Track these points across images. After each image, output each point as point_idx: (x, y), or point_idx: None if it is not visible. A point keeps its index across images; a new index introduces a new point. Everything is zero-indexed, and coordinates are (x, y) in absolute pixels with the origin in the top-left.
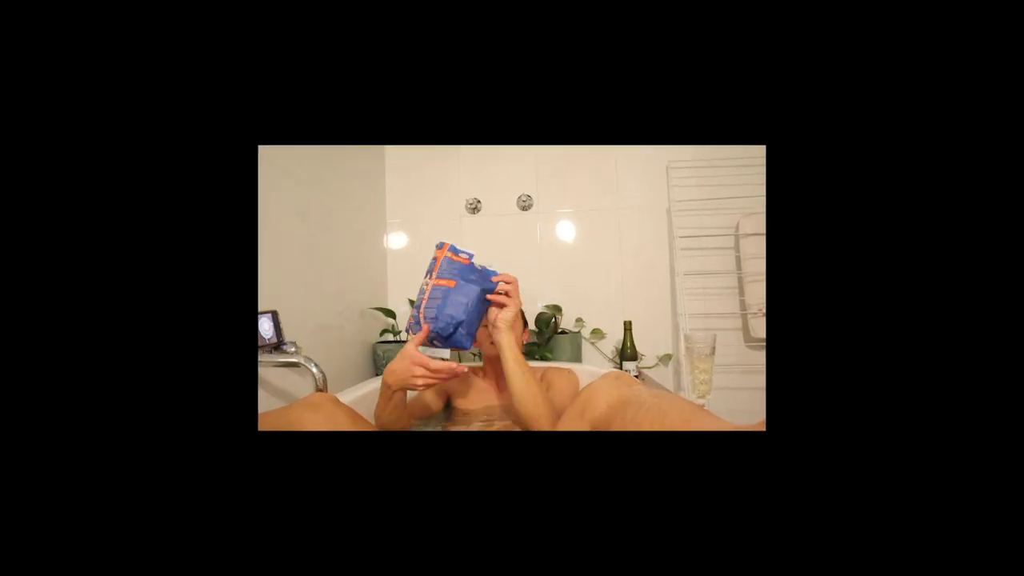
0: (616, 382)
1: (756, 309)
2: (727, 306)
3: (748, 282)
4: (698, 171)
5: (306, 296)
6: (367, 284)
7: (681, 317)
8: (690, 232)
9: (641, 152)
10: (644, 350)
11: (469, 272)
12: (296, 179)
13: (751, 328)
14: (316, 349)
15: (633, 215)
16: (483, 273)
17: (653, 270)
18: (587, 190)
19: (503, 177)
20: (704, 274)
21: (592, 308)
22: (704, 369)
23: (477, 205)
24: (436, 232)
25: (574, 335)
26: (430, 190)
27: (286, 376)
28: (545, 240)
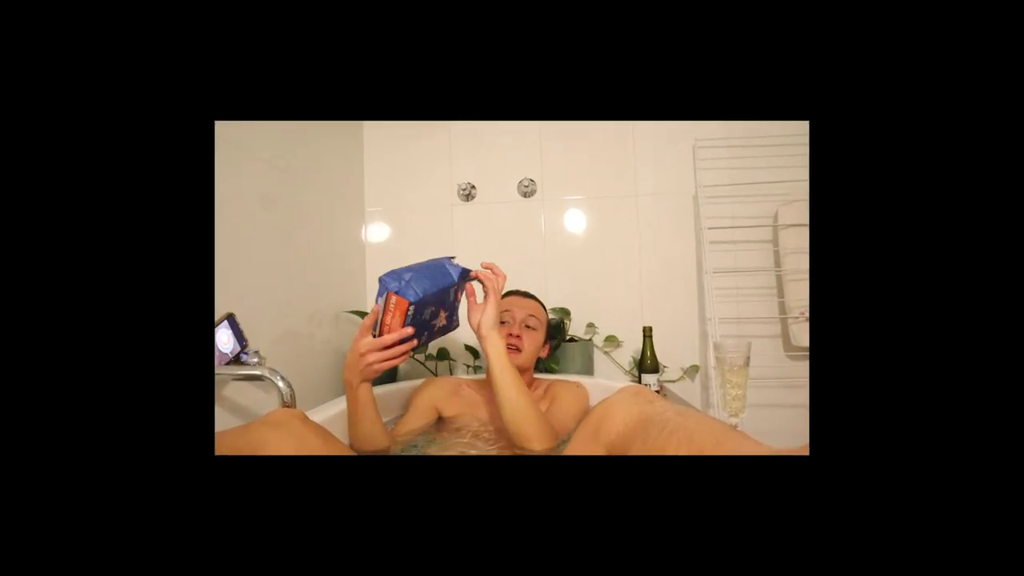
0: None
1: (798, 313)
2: (764, 309)
3: (788, 281)
4: (729, 151)
5: (271, 297)
6: (342, 284)
7: (710, 322)
8: (720, 223)
9: (663, 129)
10: (667, 361)
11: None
12: (259, 161)
13: (792, 335)
14: (282, 359)
15: (654, 203)
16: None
17: (677, 267)
18: (600, 174)
19: (501, 159)
20: (737, 272)
21: (606, 312)
22: (737, 383)
23: (471, 191)
24: (423, 223)
25: (585, 343)
26: (416, 174)
27: (247, 391)
28: (551, 232)
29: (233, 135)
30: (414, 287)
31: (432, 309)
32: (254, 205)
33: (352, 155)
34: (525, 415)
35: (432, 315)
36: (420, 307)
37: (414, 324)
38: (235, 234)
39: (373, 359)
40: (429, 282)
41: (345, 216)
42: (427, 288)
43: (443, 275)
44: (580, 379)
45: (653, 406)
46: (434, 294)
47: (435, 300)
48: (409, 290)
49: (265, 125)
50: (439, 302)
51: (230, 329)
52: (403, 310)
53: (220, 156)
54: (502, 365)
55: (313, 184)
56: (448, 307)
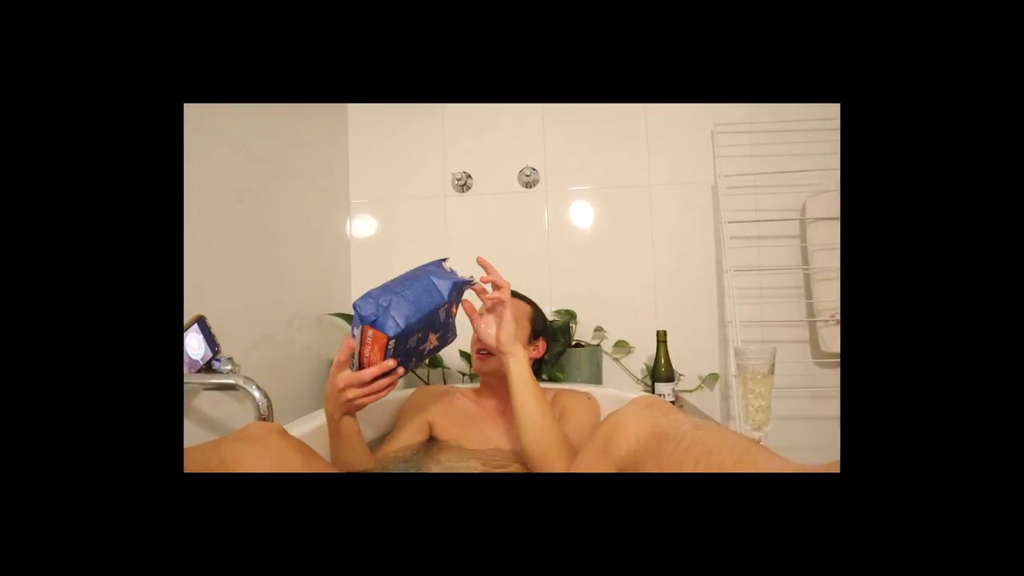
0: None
1: (828, 316)
2: (790, 312)
3: (817, 280)
4: (752, 137)
5: (246, 299)
6: (325, 284)
7: (731, 326)
8: (742, 216)
9: (679, 113)
10: (683, 368)
11: (427, 266)
12: (233, 148)
13: (821, 340)
14: (259, 367)
15: (668, 194)
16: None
17: (694, 265)
18: (609, 162)
19: (500, 145)
20: (761, 270)
21: (616, 314)
22: (761, 393)
23: (467, 181)
24: (413, 216)
25: (593, 349)
26: (406, 162)
27: (219, 402)
28: (555, 226)
29: (203, 119)
30: (394, 316)
31: (418, 336)
32: (227, 197)
33: (335, 141)
34: (549, 437)
35: (420, 340)
36: (402, 338)
37: (397, 355)
38: (206, 229)
39: (353, 395)
40: (412, 307)
41: (328, 209)
42: (410, 316)
43: (429, 295)
44: (589, 389)
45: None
46: (418, 321)
47: (421, 326)
48: (388, 320)
49: (239, 108)
50: (427, 327)
51: (200, 334)
52: (382, 345)
53: (189, 142)
54: (524, 381)
55: (292, 173)
56: (440, 327)
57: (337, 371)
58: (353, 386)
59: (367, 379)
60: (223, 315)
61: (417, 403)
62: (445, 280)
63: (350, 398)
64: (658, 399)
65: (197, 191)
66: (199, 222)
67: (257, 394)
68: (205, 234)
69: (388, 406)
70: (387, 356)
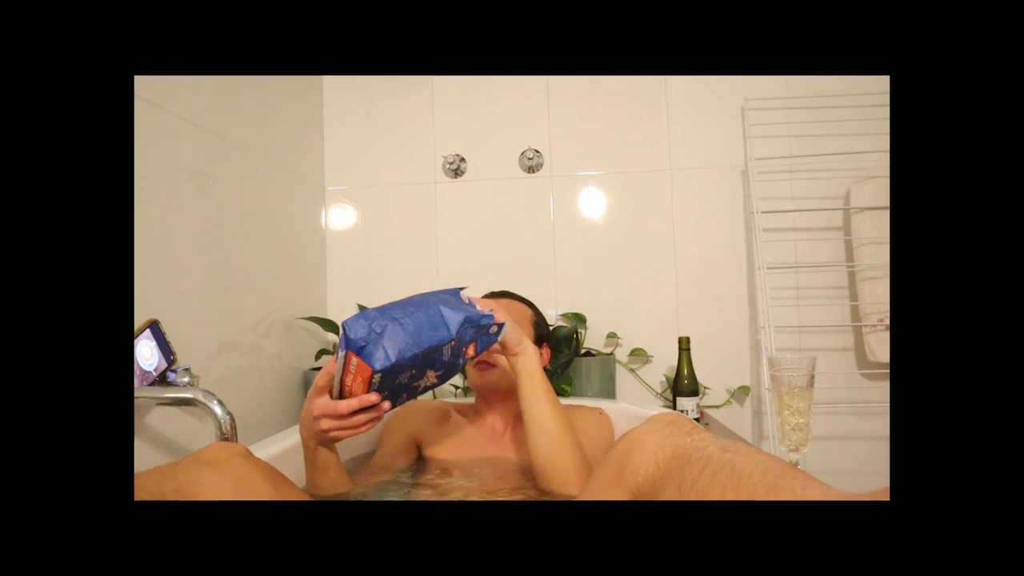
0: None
1: (876, 320)
2: (832, 315)
3: (863, 279)
4: (788, 115)
5: (206, 300)
6: (296, 283)
7: (764, 332)
8: (777, 205)
9: (704, 86)
10: (709, 381)
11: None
12: (194, 128)
13: (868, 348)
14: (221, 379)
15: (692, 180)
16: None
17: (722, 262)
18: (623, 143)
19: (499, 124)
20: (798, 267)
21: (632, 318)
22: (798, 409)
23: (460, 166)
24: (398, 206)
25: (605, 358)
26: (390, 143)
27: (175, 418)
28: (562, 217)
29: (157, 95)
30: (385, 347)
31: (412, 372)
32: (184, 183)
33: (308, 120)
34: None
35: (414, 377)
36: (391, 373)
37: (383, 390)
38: (160, 220)
39: (328, 426)
40: (409, 339)
41: (300, 197)
42: (403, 349)
43: (433, 328)
44: (601, 405)
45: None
46: (413, 357)
47: (416, 363)
48: (377, 350)
49: (198, 82)
50: (424, 364)
51: (153, 341)
52: (365, 377)
53: (141, 121)
54: (536, 384)
55: (259, 157)
56: (442, 366)
57: (315, 395)
58: (328, 417)
59: (344, 412)
60: (179, 319)
61: (404, 420)
62: (456, 312)
63: (324, 428)
64: (680, 416)
65: (150, 177)
66: (152, 212)
67: (218, 410)
68: (159, 226)
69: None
70: (371, 390)
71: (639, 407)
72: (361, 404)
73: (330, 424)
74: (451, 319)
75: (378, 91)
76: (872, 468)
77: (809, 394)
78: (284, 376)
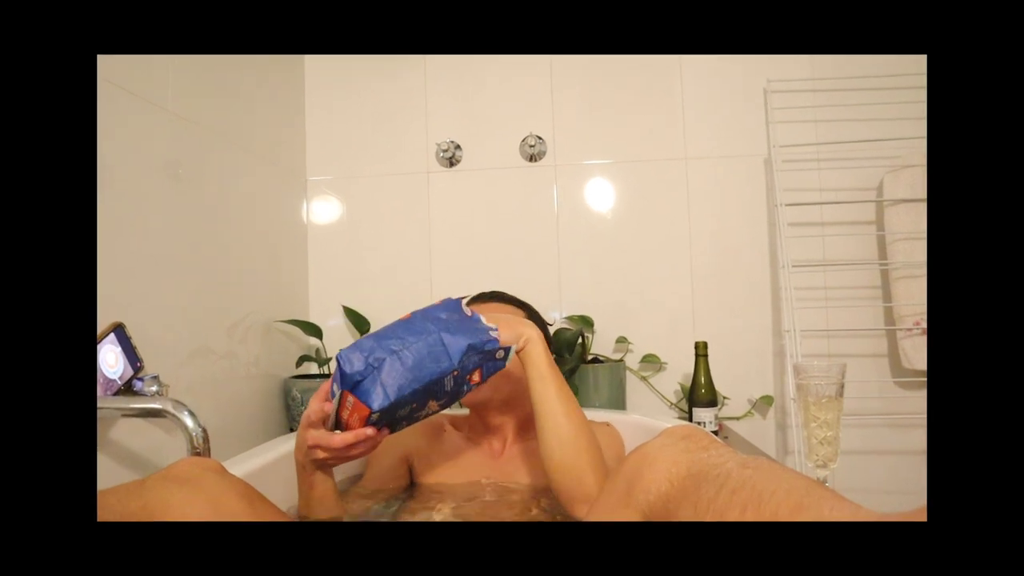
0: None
1: (911, 323)
2: (864, 318)
3: (898, 278)
4: (815, 98)
5: (176, 302)
6: (276, 283)
7: (788, 336)
8: (803, 197)
9: (723, 66)
10: (728, 390)
11: (438, 310)
12: (166, 113)
13: (903, 354)
14: (192, 388)
15: (710, 169)
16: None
17: (743, 259)
18: (634, 129)
19: (498, 108)
20: (826, 266)
21: (643, 321)
22: (826, 421)
23: (455, 154)
24: (387, 198)
25: (614, 365)
26: (378, 130)
27: (143, 431)
28: (567, 210)
29: (125, 76)
30: (384, 384)
31: (412, 406)
32: (154, 173)
33: (289, 103)
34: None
35: (414, 409)
36: (390, 411)
37: (381, 425)
38: (126, 213)
39: (323, 456)
40: (409, 375)
41: (280, 188)
42: (404, 386)
43: (435, 360)
44: (609, 416)
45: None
46: (413, 393)
47: (416, 397)
48: (375, 388)
49: (168, 62)
50: (425, 396)
51: (118, 346)
52: (363, 416)
53: (105, 105)
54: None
55: (235, 145)
56: (444, 395)
57: (306, 424)
58: (323, 447)
59: (338, 447)
60: (147, 322)
61: (395, 439)
62: (458, 338)
63: (320, 458)
64: (697, 429)
65: (114, 166)
66: (116, 204)
67: (189, 422)
68: (124, 220)
69: None
70: (368, 424)
71: (651, 419)
72: (357, 439)
73: (325, 455)
74: (453, 348)
75: (365, 72)
76: (907, 486)
77: (838, 404)
78: (262, 384)
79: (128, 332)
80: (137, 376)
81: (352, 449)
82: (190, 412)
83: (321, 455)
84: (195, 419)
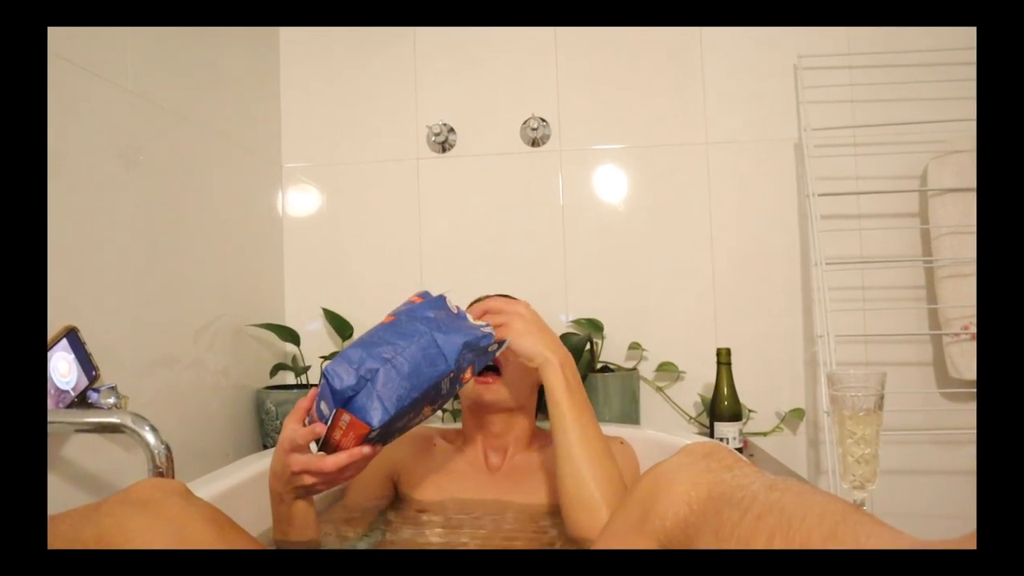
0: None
1: (960, 327)
2: (905, 322)
3: (944, 277)
4: (851, 75)
5: (136, 304)
6: (247, 281)
7: (822, 342)
8: (838, 187)
9: (748, 40)
10: (754, 402)
11: (425, 309)
12: (124, 93)
13: (951, 362)
14: (154, 400)
15: (733, 156)
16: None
17: (770, 256)
18: (650, 110)
19: (496, 87)
20: (864, 263)
21: (659, 326)
22: (864, 437)
23: (448, 138)
24: (372, 187)
25: (626, 374)
26: (362, 111)
27: (99, 448)
28: (573, 201)
29: (77, 51)
30: (381, 397)
31: (410, 416)
32: (110, 160)
33: (263, 82)
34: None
35: (410, 419)
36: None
37: (377, 441)
38: (80, 205)
39: (312, 482)
40: (407, 383)
41: (252, 177)
42: (403, 396)
43: (431, 363)
44: (621, 431)
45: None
46: (413, 402)
47: (415, 406)
48: (371, 403)
49: (126, 35)
50: (423, 402)
51: (71, 353)
52: (360, 434)
53: (57, 83)
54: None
55: (201, 127)
56: (439, 399)
57: (287, 448)
58: (312, 473)
59: (331, 469)
60: (104, 326)
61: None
62: (452, 337)
63: (308, 484)
64: (719, 446)
65: (67, 152)
66: (69, 194)
67: (151, 438)
68: (78, 212)
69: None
70: (365, 442)
71: (668, 434)
72: (351, 459)
73: (313, 480)
74: (448, 348)
75: (348, 46)
76: (955, 509)
77: (877, 418)
78: (232, 396)
79: (82, 337)
80: (92, 387)
81: (345, 471)
82: (151, 427)
83: (309, 481)
84: (157, 435)
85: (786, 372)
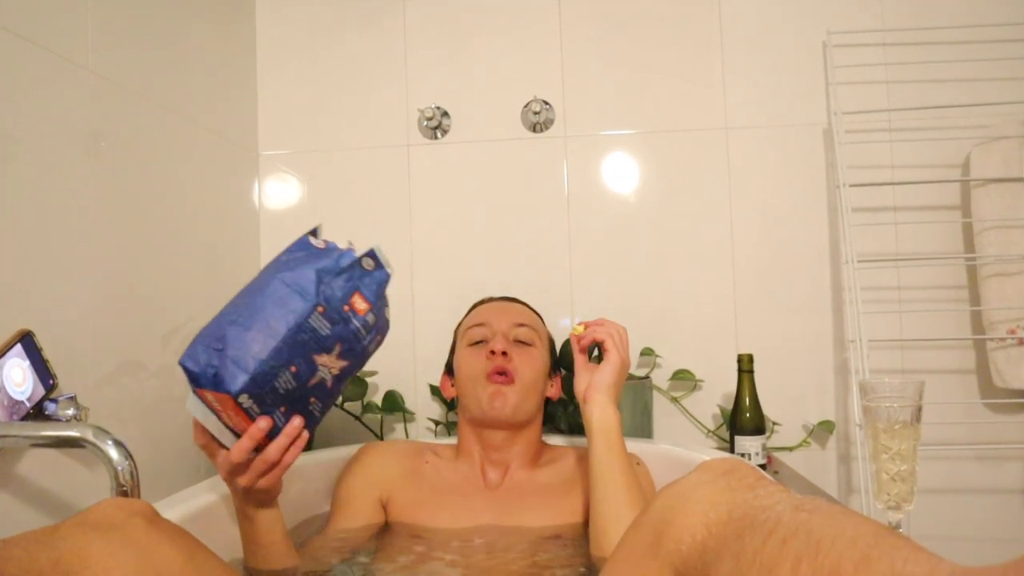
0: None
1: (1006, 331)
2: (946, 326)
3: (988, 276)
4: (886, 54)
5: (98, 306)
6: (220, 279)
7: (853, 347)
8: (872, 176)
9: (773, 13)
10: (779, 414)
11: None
12: (85, 72)
13: (996, 370)
14: (118, 411)
15: (756, 142)
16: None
17: (797, 253)
18: (663, 93)
19: (495, 67)
20: (900, 260)
21: (674, 330)
22: (900, 453)
23: (441, 122)
24: (357, 175)
25: (638, 384)
26: (346, 94)
27: (57, 464)
28: (579, 191)
29: (31, 26)
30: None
31: (292, 370)
32: (70, 146)
33: (237, 62)
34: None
35: (301, 374)
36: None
37: (266, 409)
38: (36, 196)
39: (247, 481)
40: (259, 336)
41: (226, 165)
42: (258, 352)
43: (282, 305)
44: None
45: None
46: (277, 352)
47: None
48: (226, 370)
49: (88, 10)
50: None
51: (26, 359)
52: (234, 408)
53: (8, 62)
54: (610, 442)
55: (170, 111)
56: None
57: (214, 456)
58: (235, 474)
59: (241, 458)
60: (62, 330)
61: (365, 468)
62: (302, 272)
63: (245, 486)
64: (740, 463)
65: (22, 138)
66: (24, 184)
67: (114, 453)
68: (34, 204)
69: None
70: (252, 416)
71: (684, 449)
72: (252, 439)
73: (248, 479)
74: (301, 283)
75: (331, 21)
76: (1000, 532)
77: (914, 432)
78: None
79: (38, 343)
80: (49, 397)
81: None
82: (115, 441)
83: (245, 480)
84: (121, 450)
85: (814, 381)
